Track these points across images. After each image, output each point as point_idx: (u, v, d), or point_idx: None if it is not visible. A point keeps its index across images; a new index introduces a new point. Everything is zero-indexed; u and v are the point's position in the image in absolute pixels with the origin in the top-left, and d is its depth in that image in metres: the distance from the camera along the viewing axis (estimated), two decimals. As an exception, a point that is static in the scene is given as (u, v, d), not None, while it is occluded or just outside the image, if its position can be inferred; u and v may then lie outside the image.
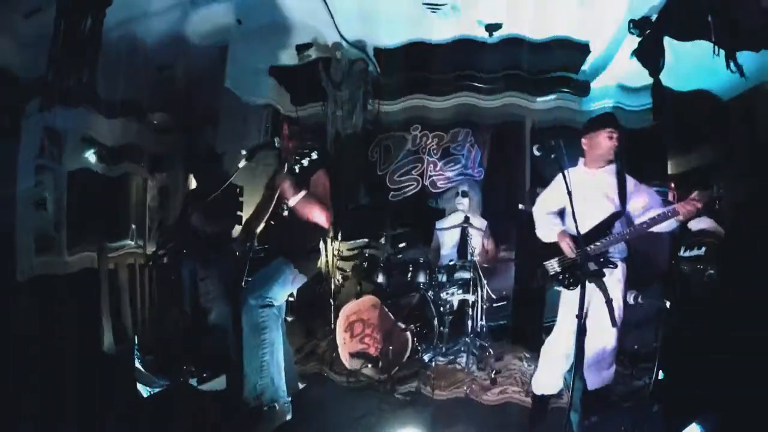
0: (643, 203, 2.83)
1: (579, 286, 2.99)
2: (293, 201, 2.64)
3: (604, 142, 3.00)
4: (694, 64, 4.05)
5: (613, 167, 3.06)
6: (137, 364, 3.27)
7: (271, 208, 2.83)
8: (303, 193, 2.64)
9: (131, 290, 3.82)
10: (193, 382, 3.28)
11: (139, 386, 3.02)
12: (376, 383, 3.77)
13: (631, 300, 2.32)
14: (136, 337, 3.59)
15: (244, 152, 2.80)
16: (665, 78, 3.74)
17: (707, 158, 4.48)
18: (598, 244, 2.85)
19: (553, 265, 3.17)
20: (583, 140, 3.11)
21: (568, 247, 3.00)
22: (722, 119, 4.55)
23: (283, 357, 2.91)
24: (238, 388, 3.15)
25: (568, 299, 3.17)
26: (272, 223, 2.87)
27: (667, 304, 2.12)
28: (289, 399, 2.90)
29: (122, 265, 3.75)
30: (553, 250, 3.11)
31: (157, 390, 3.05)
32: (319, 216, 2.77)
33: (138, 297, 3.85)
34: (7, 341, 3.25)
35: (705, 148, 4.34)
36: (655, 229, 2.75)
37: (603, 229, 2.86)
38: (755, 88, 4.14)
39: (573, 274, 3.05)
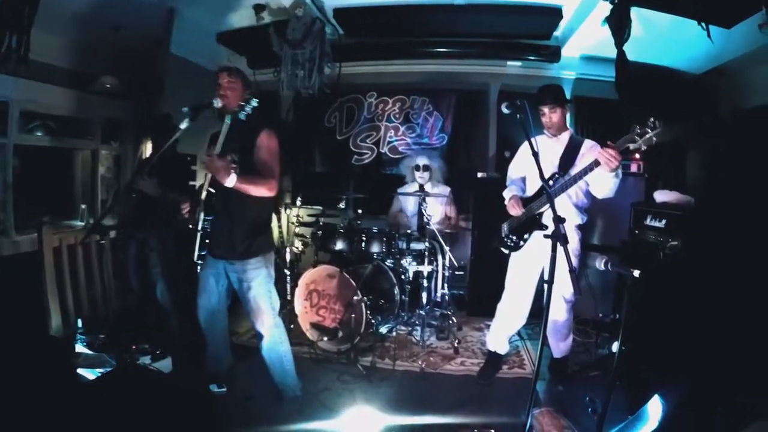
0: (589, 162, 2.74)
1: (531, 250, 3.10)
2: (229, 184, 2.38)
3: (541, 116, 3.12)
4: (663, 39, 4.00)
5: (567, 134, 3.12)
6: (81, 347, 3.11)
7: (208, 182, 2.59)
8: (234, 176, 2.36)
9: (73, 269, 3.53)
10: (146, 360, 3.12)
11: (84, 370, 2.81)
12: (335, 355, 3.65)
13: (601, 266, 2.23)
14: (80, 319, 3.41)
15: (185, 110, 2.50)
16: (633, 50, 3.65)
17: (673, 133, 4.47)
18: (534, 204, 3.02)
19: (503, 228, 3.28)
20: None
21: (513, 209, 3.11)
22: (689, 95, 4.54)
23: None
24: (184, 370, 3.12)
25: (514, 264, 3.26)
26: (215, 191, 2.60)
27: (636, 273, 2.00)
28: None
29: (66, 242, 3.43)
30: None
31: (107, 370, 2.84)
32: (259, 190, 2.51)
33: (82, 275, 3.55)
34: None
35: (670, 123, 4.30)
36: (593, 184, 2.85)
37: (540, 191, 3.02)
38: (724, 66, 4.13)
39: (517, 236, 3.16)
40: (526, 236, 3.10)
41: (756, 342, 2.50)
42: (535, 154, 2.23)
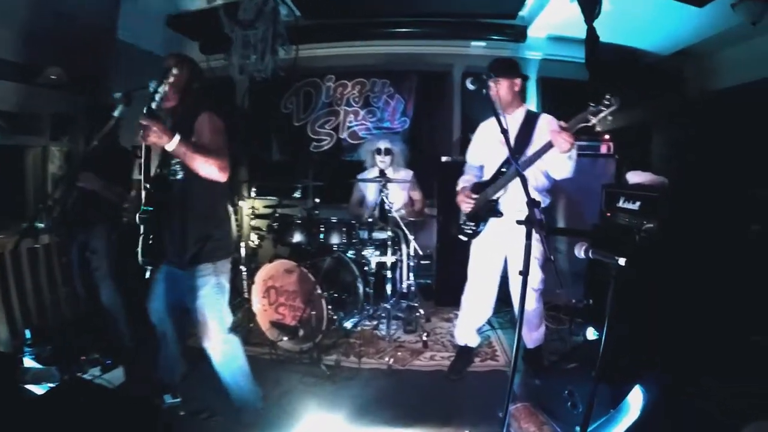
0: (544, 141, 2.58)
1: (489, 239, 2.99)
2: (170, 147, 2.03)
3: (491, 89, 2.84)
4: (634, 19, 3.89)
5: (522, 111, 2.96)
6: (29, 361, 2.85)
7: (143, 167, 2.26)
8: (178, 137, 2.03)
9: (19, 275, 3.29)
10: (95, 371, 2.86)
11: (32, 386, 2.53)
12: (297, 355, 3.41)
13: (581, 254, 2.06)
14: (28, 329, 3.15)
15: (117, 95, 2.17)
16: (602, 30, 3.53)
17: (641, 115, 4.39)
18: (489, 189, 2.87)
19: (461, 215, 3.13)
20: None
21: (463, 203, 3.00)
22: (658, 76, 4.47)
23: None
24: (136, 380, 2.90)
25: (476, 252, 3.12)
26: (154, 189, 2.27)
27: (621, 261, 1.84)
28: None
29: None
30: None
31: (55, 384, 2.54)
32: (207, 163, 2.12)
33: (29, 282, 3.33)
34: None
35: (638, 104, 4.21)
36: (549, 166, 2.70)
37: (496, 175, 2.90)
38: (694, 46, 4.06)
39: (475, 222, 3.01)
40: (482, 224, 2.96)
41: (721, 324, 2.45)
42: (504, 132, 2.04)
